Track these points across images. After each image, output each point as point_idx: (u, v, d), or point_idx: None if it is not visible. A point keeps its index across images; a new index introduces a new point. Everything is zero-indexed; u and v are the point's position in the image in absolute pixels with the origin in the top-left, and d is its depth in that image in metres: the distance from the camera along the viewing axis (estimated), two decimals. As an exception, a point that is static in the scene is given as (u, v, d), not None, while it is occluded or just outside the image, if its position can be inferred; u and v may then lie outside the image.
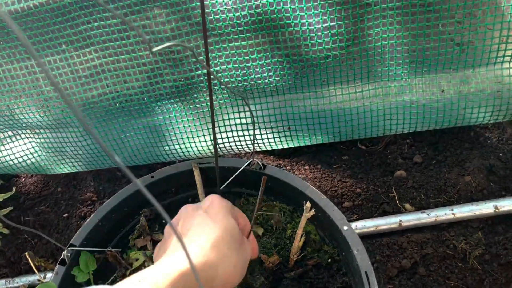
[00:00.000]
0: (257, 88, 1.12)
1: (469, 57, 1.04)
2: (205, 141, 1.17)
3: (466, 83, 1.10)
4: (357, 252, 0.79)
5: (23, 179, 1.58)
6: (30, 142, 1.27)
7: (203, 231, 0.58)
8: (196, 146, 1.20)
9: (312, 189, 0.89)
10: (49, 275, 1.24)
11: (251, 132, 1.13)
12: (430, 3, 0.98)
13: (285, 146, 1.22)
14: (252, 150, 1.10)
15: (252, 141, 1.07)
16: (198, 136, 1.18)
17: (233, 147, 1.18)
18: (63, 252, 0.89)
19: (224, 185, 0.95)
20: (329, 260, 0.88)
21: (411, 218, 1.11)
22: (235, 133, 1.13)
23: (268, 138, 1.19)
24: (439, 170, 1.20)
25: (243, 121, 1.17)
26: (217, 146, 1.21)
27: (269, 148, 1.20)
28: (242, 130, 1.17)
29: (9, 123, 1.20)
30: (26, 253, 0.90)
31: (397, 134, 1.34)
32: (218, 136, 1.18)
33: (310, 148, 1.36)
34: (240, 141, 1.18)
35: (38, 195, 1.51)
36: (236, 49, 1.04)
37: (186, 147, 1.20)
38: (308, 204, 0.83)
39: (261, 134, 1.18)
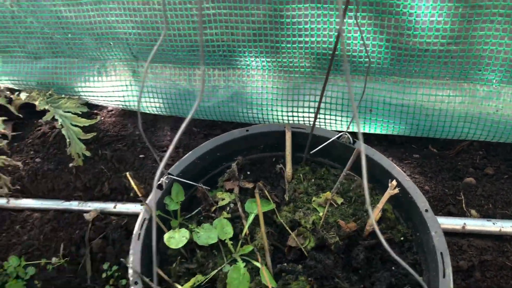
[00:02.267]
0: (351, 65, 1.17)
1: None
2: (286, 106, 1.24)
3: None
4: (435, 234, 0.84)
5: (102, 118, 1.70)
6: (126, 77, 1.38)
7: None
8: (277, 110, 1.28)
9: (398, 170, 0.94)
10: (128, 205, 1.35)
11: (337, 108, 1.19)
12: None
13: (362, 130, 1.27)
14: (347, 125, 1.15)
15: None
16: (280, 100, 1.25)
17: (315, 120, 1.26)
18: (162, 178, 0.98)
19: (312, 151, 1.01)
20: (402, 238, 0.93)
21: (476, 224, 1.14)
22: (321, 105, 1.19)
23: (347, 117, 1.25)
24: (510, 184, 1.22)
25: (332, 94, 1.23)
26: (300, 115, 1.28)
27: (344, 128, 1.26)
28: (330, 103, 1.23)
29: (114, 53, 1.30)
30: (127, 173, 0.99)
31: (470, 144, 1.36)
32: (306, 105, 1.25)
33: (382, 142, 1.41)
34: (326, 114, 1.24)
35: (116, 134, 1.63)
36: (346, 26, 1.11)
37: (267, 110, 1.27)
38: (394, 182, 0.88)
39: (341, 111, 1.24)
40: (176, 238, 0.91)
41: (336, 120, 1.25)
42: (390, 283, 0.85)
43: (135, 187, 0.96)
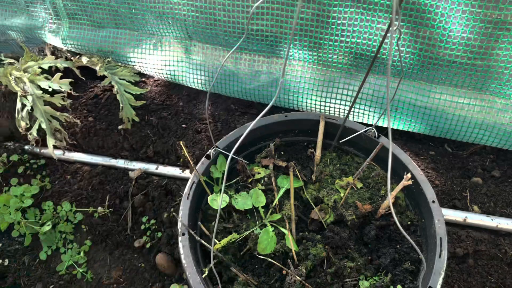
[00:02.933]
0: (384, 68, 1.30)
1: None
2: (320, 96, 1.38)
3: None
4: (438, 221, 1.00)
5: (149, 87, 1.86)
6: (179, 53, 1.53)
7: None
8: (311, 99, 1.42)
9: (414, 165, 1.09)
10: (168, 168, 1.53)
11: (366, 103, 1.32)
12: None
13: (376, 123, 1.41)
14: (372, 119, 1.28)
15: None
16: (316, 90, 1.39)
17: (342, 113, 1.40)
18: (210, 150, 1.15)
19: (342, 141, 1.16)
20: (409, 223, 1.09)
21: (476, 218, 1.29)
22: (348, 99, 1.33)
23: (375, 112, 1.39)
24: (513, 188, 1.36)
25: (362, 90, 1.37)
26: (331, 106, 1.42)
27: (367, 120, 1.40)
28: (360, 98, 1.37)
29: (171, 31, 1.44)
30: (181, 142, 1.16)
31: (482, 148, 1.49)
32: (338, 97, 1.39)
33: (403, 136, 1.55)
34: (354, 107, 1.38)
35: (161, 103, 1.80)
36: (381, 31, 1.23)
37: (302, 97, 1.42)
38: (409, 175, 1.04)
39: (369, 106, 1.37)
40: (218, 201, 1.09)
41: (363, 113, 1.39)
42: (393, 258, 1.02)
43: (186, 154, 1.14)
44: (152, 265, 1.39)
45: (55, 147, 1.55)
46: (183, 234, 1.02)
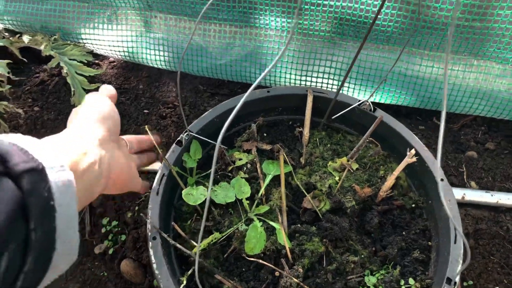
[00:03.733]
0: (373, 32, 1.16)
1: None
2: (301, 70, 1.23)
3: None
4: (449, 202, 0.88)
5: (104, 69, 1.64)
6: (137, 27, 1.32)
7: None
8: (290, 74, 1.26)
9: (416, 139, 0.97)
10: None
11: (357, 76, 1.18)
12: None
13: (375, 100, 1.28)
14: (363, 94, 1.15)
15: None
16: (296, 63, 1.24)
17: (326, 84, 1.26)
18: (181, 135, 0.98)
19: (334, 117, 1.02)
20: (413, 205, 0.97)
21: (474, 195, 1.19)
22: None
23: (360, 85, 1.25)
24: (510, 160, 1.27)
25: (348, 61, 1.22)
26: (314, 80, 1.27)
27: (360, 96, 1.26)
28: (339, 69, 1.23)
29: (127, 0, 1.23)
30: (146, 126, 0.97)
31: (473, 119, 1.40)
32: (321, 70, 1.24)
33: (388, 111, 1.42)
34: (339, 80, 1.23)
35: (118, 86, 1.58)
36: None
37: (280, 72, 1.26)
38: (413, 151, 0.91)
39: (356, 79, 1.24)
40: (194, 195, 0.92)
41: (352, 87, 1.25)
42: (401, 247, 0.89)
43: (154, 142, 0.96)
44: (116, 274, 1.20)
45: (-7, 143, 1.31)
46: (154, 238, 0.84)
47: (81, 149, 0.61)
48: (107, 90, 0.84)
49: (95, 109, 0.74)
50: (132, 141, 0.90)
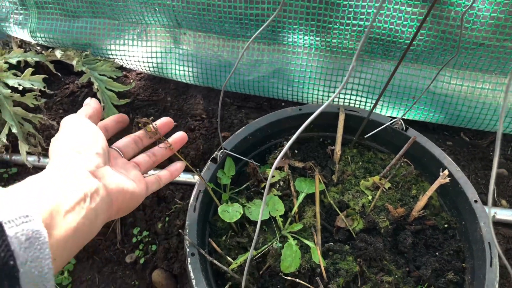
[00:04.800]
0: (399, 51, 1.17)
1: None
2: (328, 86, 1.25)
3: None
4: (484, 224, 0.88)
5: (132, 82, 1.67)
6: (167, 43, 1.35)
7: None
8: (318, 90, 1.28)
9: (449, 160, 0.97)
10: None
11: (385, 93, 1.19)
12: None
13: (401, 116, 1.28)
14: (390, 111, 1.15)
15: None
16: (323, 80, 1.25)
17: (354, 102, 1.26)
18: (216, 152, 0.99)
19: (367, 136, 1.03)
20: (446, 226, 0.97)
21: (505, 213, 1.19)
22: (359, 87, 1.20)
23: (389, 102, 1.25)
24: (541, 178, 1.26)
25: (377, 79, 1.23)
26: (341, 97, 1.28)
27: (387, 113, 1.27)
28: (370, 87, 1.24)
29: (157, 18, 1.26)
30: (137, 119, 0.97)
31: (503, 136, 1.39)
32: (349, 87, 1.25)
33: (414, 126, 1.42)
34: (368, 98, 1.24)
35: (147, 99, 1.62)
36: (399, 12, 1.09)
37: (308, 88, 1.27)
38: (446, 172, 0.91)
39: (384, 95, 1.24)
40: (230, 212, 0.93)
41: (384, 105, 1.26)
42: (435, 268, 0.89)
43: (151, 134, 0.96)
44: (147, 283, 1.22)
45: (28, 153, 1.35)
46: (193, 255, 0.86)
47: (61, 187, 0.54)
48: (87, 108, 0.79)
49: (73, 137, 0.68)
50: (127, 145, 0.84)
